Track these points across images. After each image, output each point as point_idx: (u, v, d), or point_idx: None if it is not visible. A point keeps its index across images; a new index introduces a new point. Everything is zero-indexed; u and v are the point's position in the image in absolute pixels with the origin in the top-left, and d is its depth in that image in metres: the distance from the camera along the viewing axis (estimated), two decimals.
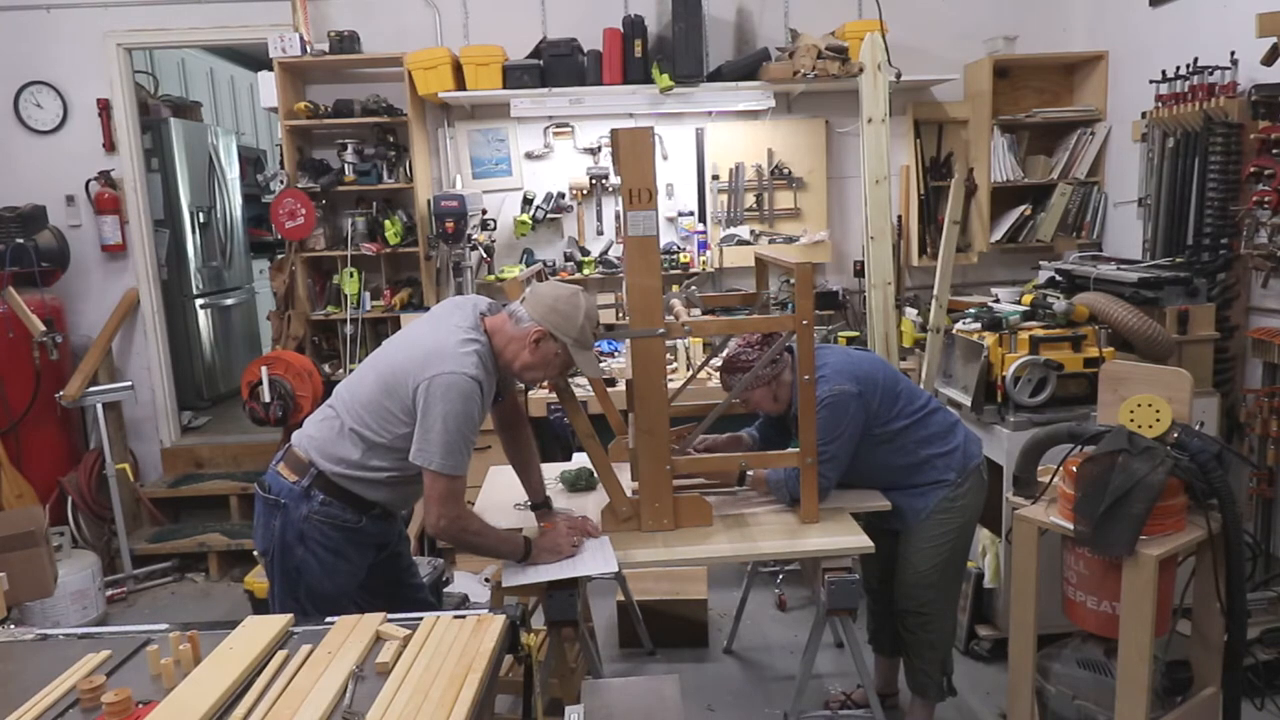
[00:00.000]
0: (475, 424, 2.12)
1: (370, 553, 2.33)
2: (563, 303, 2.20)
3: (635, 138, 2.25)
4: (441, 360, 2.09)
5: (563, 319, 2.18)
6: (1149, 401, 2.34)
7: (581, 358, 2.22)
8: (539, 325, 2.17)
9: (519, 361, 2.21)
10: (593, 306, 2.24)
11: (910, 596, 2.64)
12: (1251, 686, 2.84)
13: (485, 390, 2.14)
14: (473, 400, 2.09)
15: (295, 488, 2.21)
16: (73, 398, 4.17)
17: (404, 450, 2.13)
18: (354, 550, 2.26)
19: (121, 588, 4.23)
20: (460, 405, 2.07)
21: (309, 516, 2.20)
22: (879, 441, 2.53)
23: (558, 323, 2.18)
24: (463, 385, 2.07)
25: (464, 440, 2.10)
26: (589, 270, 4.53)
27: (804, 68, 4.12)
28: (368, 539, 2.29)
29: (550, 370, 2.25)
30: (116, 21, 4.45)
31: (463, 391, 2.07)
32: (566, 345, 2.19)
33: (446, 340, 2.14)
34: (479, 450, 4.02)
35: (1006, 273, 4.65)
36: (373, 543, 2.33)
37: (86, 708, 1.54)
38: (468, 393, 2.08)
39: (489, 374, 2.17)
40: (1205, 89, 3.50)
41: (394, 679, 1.58)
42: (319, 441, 2.23)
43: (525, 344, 2.19)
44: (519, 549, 2.28)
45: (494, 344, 2.21)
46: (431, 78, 4.19)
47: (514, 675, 2.43)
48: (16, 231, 4.25)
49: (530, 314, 2.19)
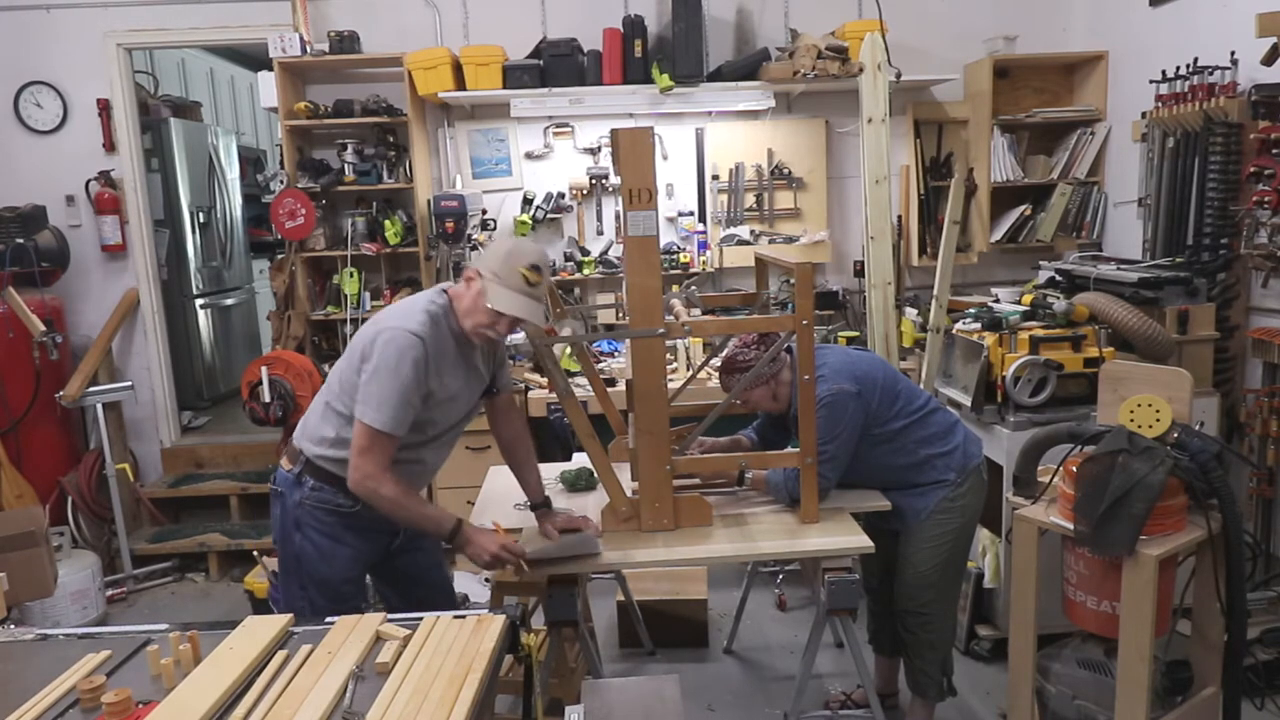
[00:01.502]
0: (411, 380, 2.08)
1: (377, 539, 2.31)
2: (496, 244, 2.20)
3: (635, 138, 2.25)
4: (390, 318, 2.13)
5: (488, 255, 2.15)
6: (1149, 401, 2.34)
7: (495, 292, 2.09)
8: (473, 266, 2.17)
9: (462, 309, 2.17)
10: (527, 248, 2.17)
11: (910, 596, 2.64)
12: (1251, 686, 2.84)
13: (430, 350, 2.10)
14: (409, 355, 2.06)
15: (289, 475, 2.24)
16: (73, 398, 4.17)
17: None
18: (353, 536, 2.25)
19: (121, 588, 4.22)
20: (394, 359, 2.06)
21: (302, 502, 2.23)
22: (879, 441, 2.53)
23: (483, 259, 2.15)
24: (401, 340, 2.07)
25: (397, 396, 2.06)
26: (589, 270, 4.53)
27: (804, 68, 4.12)
28: (368, 524, 2.25)
29: (476, 313, 2.14)
30: (116, 21, 4.45)
31: (400, 346, 2.07)
32: (487, 281, 2.11)
33: (405, 305, 2.18)
34: (479, 450, 4.07)
35: (1006, 273, 4.65)
36: (376, 529, 2.28)
37: (86, 708, 1.54)
38: (404, 347, 2.06)
39: (441, 335, 2.15)
40: (1205, 89, 3.50)
41: (394, 679, 1.58)
42: (307, 427, 2.26)
43: (464, 286, 2.16)
44: (443, 528, 2.19)
45: (455, 302, 2.19)
46: (431, 78, 4.19)
47: (514, 675, 2.43)
48: (16, 231, 4.25)
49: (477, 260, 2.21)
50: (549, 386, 3.72)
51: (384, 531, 2.33)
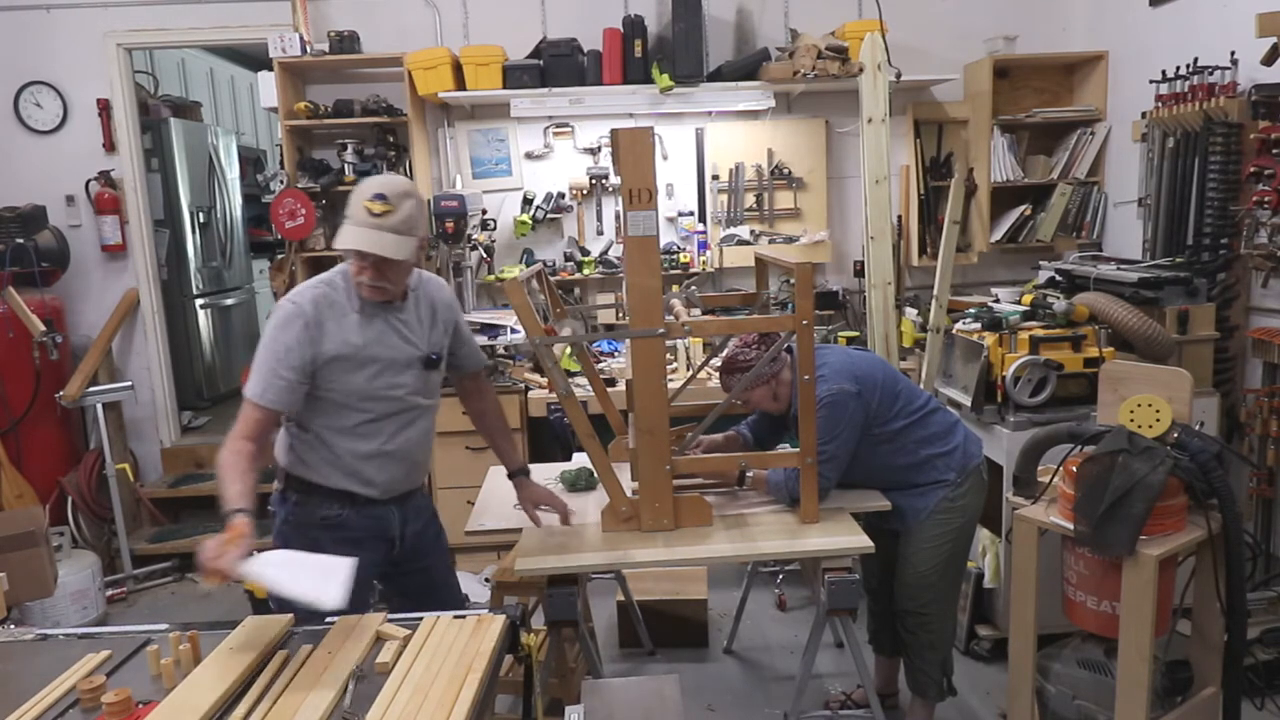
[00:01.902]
0: (282, 347, 2.04)
1: (370, 551, 2.20)
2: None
3: (635, 138, 2.25)
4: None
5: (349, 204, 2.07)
6: (1149, 401, 2.34)
7: (341, 232, 2.03)
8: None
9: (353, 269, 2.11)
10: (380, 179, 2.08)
11: (910, 596, 2.64)
12: (1251, 686, 2.84)
13: (313, 314, 2.07)
14: (286, 326, 2.05)
15: (277, 494, 2.23)
16: (73, 398, 4.17)
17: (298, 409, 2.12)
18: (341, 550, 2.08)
19: (121, 588, 4.22)
20: (270, 329, 2.08)
21: (287, 518, 2.20)
22: (879, 441, 2.53)
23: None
24: (280, 310, 2.08)
25: (266, 365, 2.04)
26: (589, 270, 4.53)
27: (804, 68, 4.12)
28: (355, 533, 2.19)
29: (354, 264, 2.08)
30: (116, 21, 4.45)
31: (278, 317, 2.08)
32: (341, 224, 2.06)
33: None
34: (478, 450, 4.07)
35: (1006, 273, 4.65)
36: (365, 536, 2.21)
37: (86, 708, 1.54)
38: (282, 318, 2.07)
39: (336, 300, 2.11)
40: (1205, 89, 3.50)
41: (394, 679, 1.58)
42: (278, 439, 2.24)
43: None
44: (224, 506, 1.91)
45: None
46: (431, 78, 4.19)
47: (514, 675, 2.43)
48: (16, 231, 4.25)
49: None
50: (549, 386, 3.72)
51: (379, 539, 2.26)
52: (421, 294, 2.26)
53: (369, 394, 2.15)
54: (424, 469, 2.41)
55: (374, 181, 2.08)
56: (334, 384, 2.12)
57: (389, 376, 2.16)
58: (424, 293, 2.27)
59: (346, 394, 2.13)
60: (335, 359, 2.09)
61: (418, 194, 2.10)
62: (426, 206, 2.12)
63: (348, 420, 2.15)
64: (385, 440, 2.19)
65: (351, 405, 2.14)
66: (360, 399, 2.14)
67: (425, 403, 2.27)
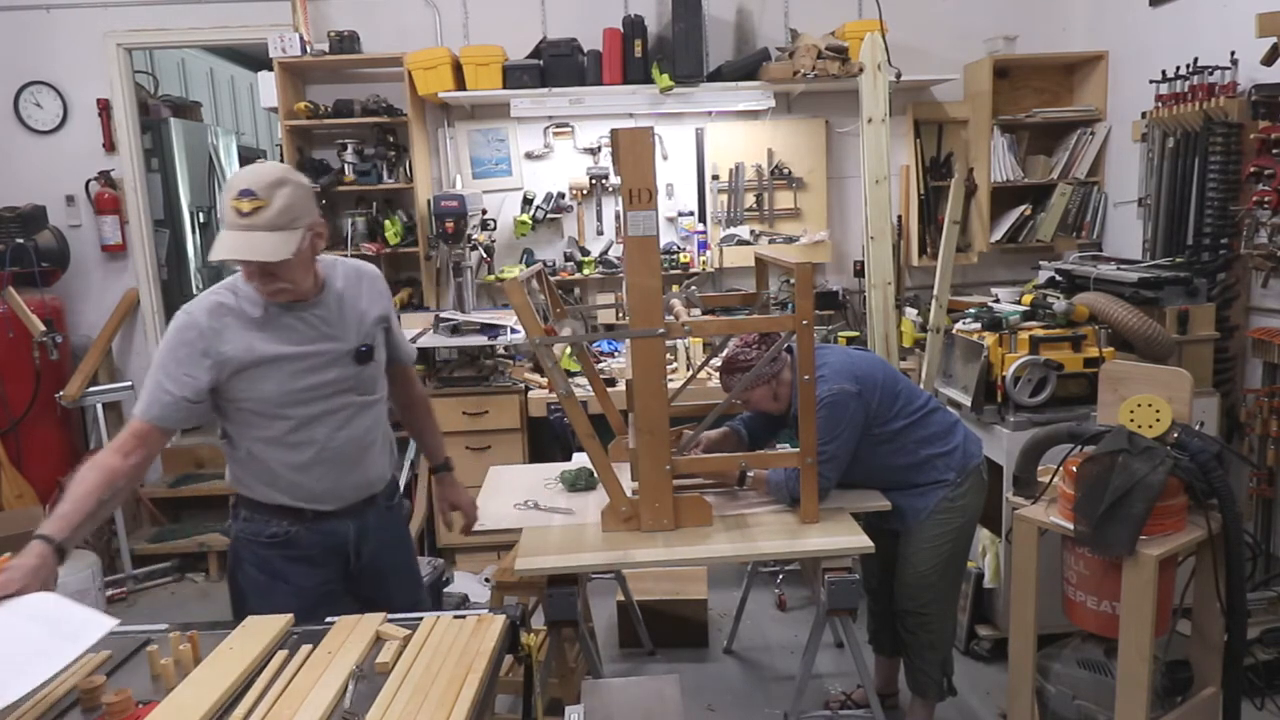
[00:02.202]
0: (173, 364, 1.91)
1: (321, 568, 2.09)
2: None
3: (635, 138, 2.25)
4: None
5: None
6: (1149, 401, 2.34)
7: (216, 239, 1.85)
8: None
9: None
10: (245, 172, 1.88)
11: (910, 596, 2.64)
12: (1251, 686, 2.84)
13: (208, 322, 1.92)
14: (177, 338, 1.92)
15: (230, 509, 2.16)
16: (73, 398, 4.17)
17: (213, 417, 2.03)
18: (293, 569, 2.06)
19: (121, 588, 4.22)
20: (164, 342, 1.95)
21: (238, 535, 2.11)
22: (879, 441, 2.53)
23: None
24: (174, 322, 1.95)
25: (154, 378, 1.92)
26: (589, 270, 4.53)
27: (804, 68, 4.12)
28: (307, 550, 2.07)
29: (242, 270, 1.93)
30: (116, 21, 4.45)
31: (171, 329, 1.95)
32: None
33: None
34: (479, 450, 4.07)
35: (1006, 273, 4.65)
36: (318, 552, 2.09)
37: (86, 708, 1.54)
38: (174, 330, 1.94)
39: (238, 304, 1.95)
40: (1205, 89, 3.50)
41: (394, 679, 1.58)
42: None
43: None
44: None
45: None
46: (431, 78, 4.19)
47: (514, 675, 2.43)
48: (16, 231, 4.25)
49: None
50: (549, 386, 3.72)
51: (332, 554, 2.12)
52: (343, 283, 2.07)
53: (290, 399, 1.98)
54: (379, 471, 2.18)
55: (240, 176, 1.85)
56: (247, 393, 1.96)
57: (311, 377, 1.99)
58: (346, 281, 2.08)
59: (264, 402, 1.97)
60: (242, 368, 1.93)
61: (294, 178, 1.89)
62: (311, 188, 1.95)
63: (273, 430, 1.99)
64: (320, 447, 2.02)
65: (273, 414, 1.98)
66: (280, 405, 1.98)
67: (360, 399, 2.08)
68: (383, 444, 2.19)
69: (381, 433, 2.18)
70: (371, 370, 2.11)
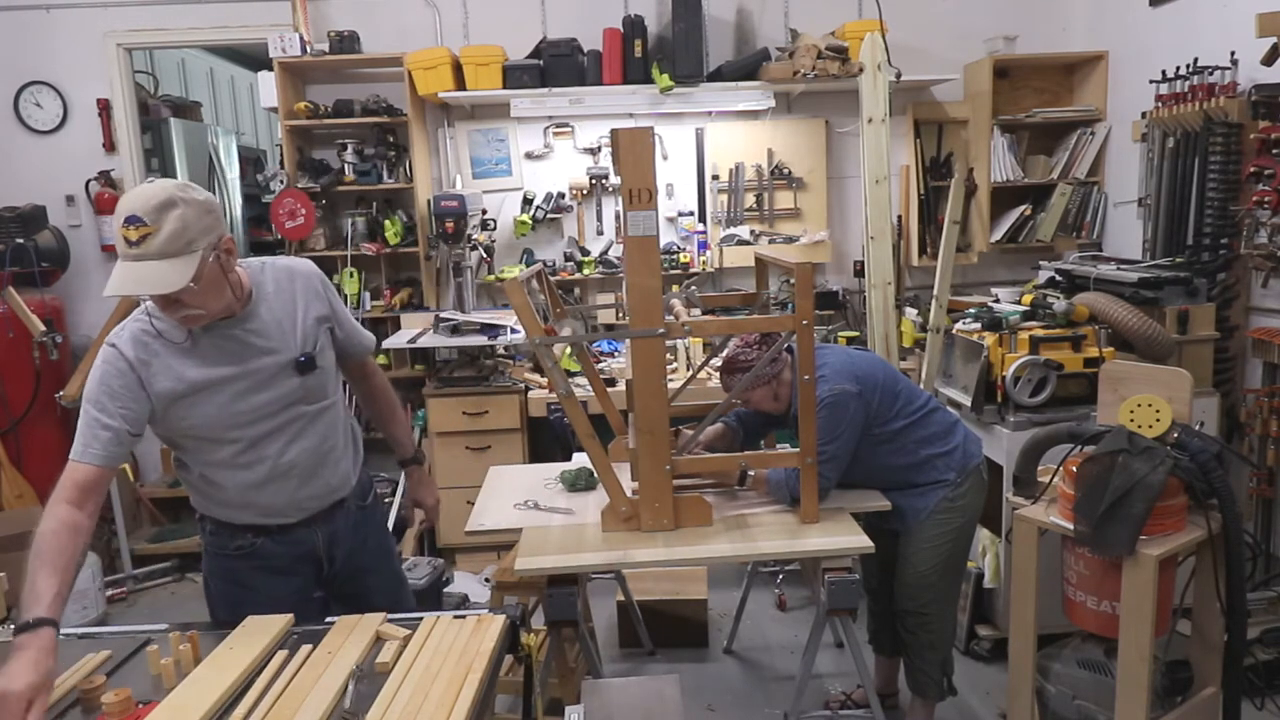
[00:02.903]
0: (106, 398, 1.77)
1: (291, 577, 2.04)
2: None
3: (635, 138, 2.25)
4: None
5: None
6: (1149, 401, 2.34)
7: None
8: None
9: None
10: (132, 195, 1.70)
11: (910, 596, 2.64)
12: (1251, 686, 2.84)
13: (135, 361, 1.79)
14: (105, 373, 1.79)
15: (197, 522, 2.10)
16: (73, 398, 4.16)
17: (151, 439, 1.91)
18: (261, 579, 2.01)
19: (121, 588, 4.22)
20: (91, 380, 1.80)
21: (206, 547, 2.06)
22: (879, 441, 2.53)
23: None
24: (100, 357, 1.82)
25: (88, 417, 1.77)
26: (589, 270, 4.53)
27: (804, 68, 4.12)
28: (276, 561, 2.02)
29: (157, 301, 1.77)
30: (116, 21, 4.45)
31: (97, 364, 1.81)
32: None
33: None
34: (479, 450, 4.07)
35: (1006, 273, 4.65)
36: (287, 563, 2.03)
37: (86, 708, 1.54)
38: (100, 365, 1.81)
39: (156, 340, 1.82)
40: (1205, 89, 3.50)
41: (394, 679, 1.58)
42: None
43: None
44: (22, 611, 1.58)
45: None
46: (431, 78, 4.19)
47: (514, 675, 2.43)
48: (16, 231, 4.25)
49: None
50: (549, 386, 3.72)
51: (303, 562, 2.06)
52: (274, 287, 1.94)
53: (234, 421, 1.87)
54: (342, 476, 2.09)
55: (125, 201, 1.69)
56: (187, 420, 1.86)
57: (253, 397, 1.88)
58: (277, 286, 1.95)
59: (207, 428, 1.87)
60: (176, 398, 1.82)
61: (186, 195, 1.72)
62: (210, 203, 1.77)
63: (221, 453, 1.90)
64: (272, 464, 1.93)
65: (218, 438, 1.89)
66: (225, 429, 1.88)
67: (311, 408, 1.98)
68: (344, 447, 2.10)
69: (342, 436, 2.09)
70: (318, 378, 1.99)
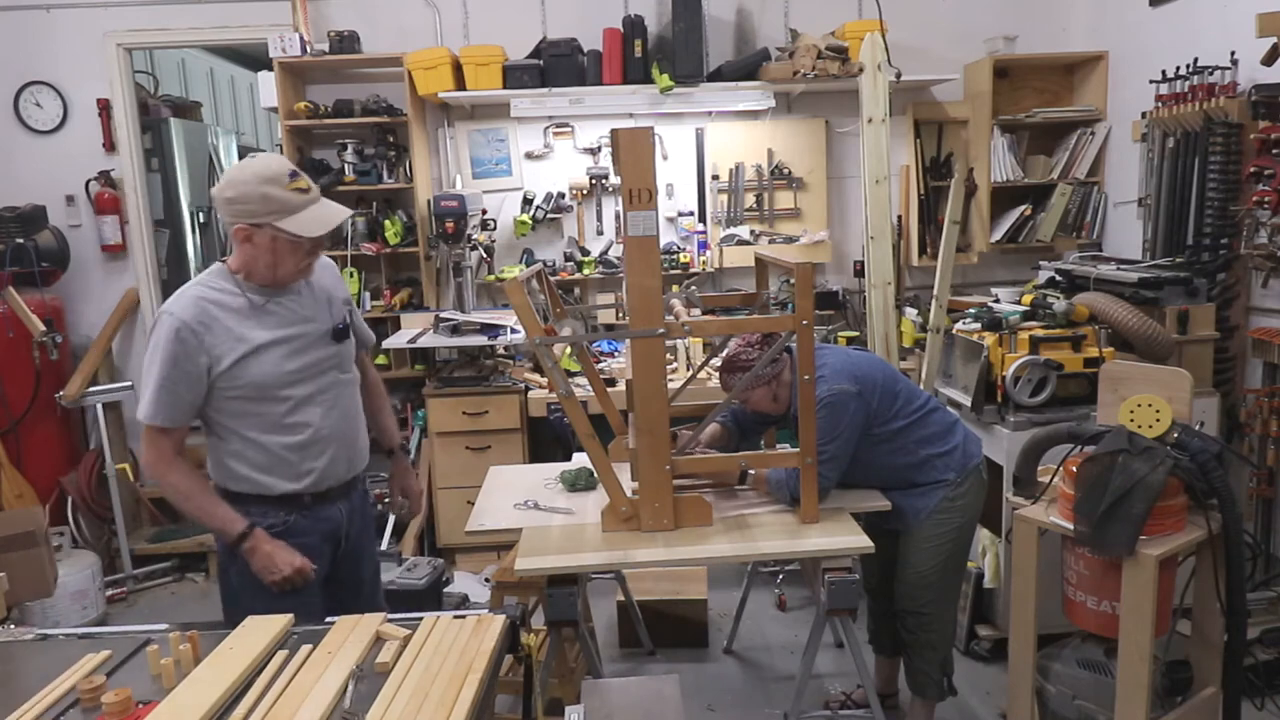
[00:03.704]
0: (169, 362, 1.96)
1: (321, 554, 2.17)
2: (231, 188, 1.98)
3: (635, 138, 2.25)
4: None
5: (241, 204, 1.98)
6: (1149, 401, 2.34)
7: (293, 223, 1.98)
8: (235, 226, 2.01)
9: (263, 265, 2.03)
10: (270, 166, 1.99)
11: (910, 596, 2.64)
12: (1251, 686, 2.84)
13: (195, 320, 1.97)
14: (164, 337, 1.95)
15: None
16: (73, 398, 4.17)
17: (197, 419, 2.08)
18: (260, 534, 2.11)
19: (121, 588, 4.23)
20: (151, 347, 1.97)
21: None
22: (879, 441, 2.53)
23: (241, 210, 1.98)
24: (160, 324, 1.97)
25: (156, 382, 1.96)
26: (589, 270, 4.53)
27: (804, 68, 4.12)
28: (306, 538, 2.14)
29: (291, 254, 2.03)
30: (116, 21, 4.45)
31: (156, 332, 1.97)
32: (270, 223, 1.98)
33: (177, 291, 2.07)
34: (479, 450, 4.07)
35: (1006, 273, 4.65)
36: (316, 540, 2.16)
37: (86, 708, 1.54)
38: (160, 331, 1.96)
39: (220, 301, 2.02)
40: (1205, 89, 3.50)
41: (394, 679, 1.58)
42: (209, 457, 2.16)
43: (244, 250, 2.02)
44: (230, 529, 2.03)
45: (240, 269, 2.06)
46: (431, 78, 4.19)
47: (514, 675, 2.43)
48: (16, 231, 4.25)
49: (227, 221, 2.03)
50: (549, 386, 3.72)
51: (327, 541, 2.20)
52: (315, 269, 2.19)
53: (284, 381, 2.07)
54: (359, 453, 2.28)
55: (271, 164, 2.00)
56: (244, 380, 2.03)
57: (300, 358, 2.09)
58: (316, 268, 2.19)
59: (262, 386, 2.04)
60: (238, 359, 2.01)
61: None
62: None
63: (272, 414, 2.07)
64: (315, 427, 2.11)
65: (271, 396, 2.06)
66: (279, 387, 2.06)
67: (344, 377, 2.22)
68: (363, 423, 2.31)
69: (361, 414, 2.30)
70: (349, 348, 2.24)
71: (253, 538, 2.03)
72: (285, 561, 2.05)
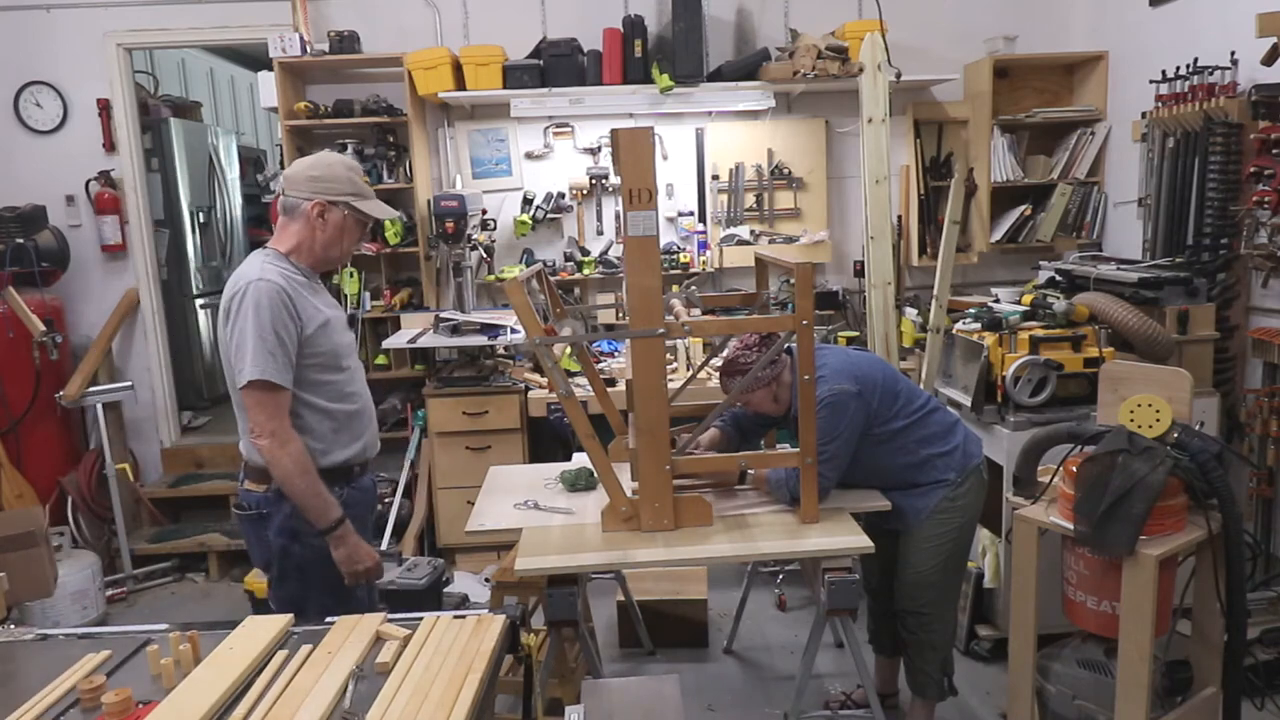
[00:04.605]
0: (282, 326, 2.07)
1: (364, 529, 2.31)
2: (318, 168, 2.20)
3: (635, 138, 2.25)
4: (236, 283, 2.11)
5: (328, 181, 2.19)
6: (1149, 401, 2.34)
7: (367, 205, 2.23)
8: (312, 199, 2.17)
9: (319, 244, 2.21)
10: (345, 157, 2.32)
11: (910, 596, 2.64)
12: (1251, 686, 2.84)
13: (291, 294, 2.11)
14: (274, 302, 2.06)
15: (266, 495, 2.20)
16: (73, 398, 4.17)
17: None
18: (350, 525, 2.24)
19: (121, 588, 4.23)
20: (251, 309, 2.05)
21: (293, 513, 2.16)
22: (879, 441, 2.53)
23: (326, 188, 2.18)
24: (257, 290, 2.06)
25: (275, 343, 2.06)
26: (589, 270, 4.53)
27: (804, 68, 4.12)
28: (358, 510, 2.28)
29: (349, 236, 2.25)
30: (116, 21, 4.45)
31: (256, 297, 2.06)
32: (348, 202, 2.20)
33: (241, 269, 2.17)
34: (479, 450, 4.07)
35: (1006, 273, 4.65)
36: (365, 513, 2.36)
37: (86, 708, 1.54)
38: (256, 295, 2.06)
39: (289, 275, 2.16)
40: (1205, 89, 3.50)
41: (394, 679, 1.58)
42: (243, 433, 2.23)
43: (313, 224, 2.19)
44: (328, 515, 2.13)
45: (291, 250, 2.21)
46: (431, 78, 4.19)
47: (514, 675, 2.43)
48: (16, 231, 4.25)
49: (298, 196, 2.19)
50: (549, 386, 3.72)
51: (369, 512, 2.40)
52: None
53: (341, 351, 2.25)
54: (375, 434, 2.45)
55: (351, 162, 2.29)
56: (324, 348, 2.18)
57: (345, 335, 2.30)
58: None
59: (331, 355, 2.20)
60: (318, 327, 2.16)
61: None
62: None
63: (336, 382, 2.22)
64: (360, 396, 2.31)
65: (336, 365, 2.22)
66: (338, 357, 2.23)
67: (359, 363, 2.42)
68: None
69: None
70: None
71: (344, 526, 2.15)
72: (368, 554, 2.20)
